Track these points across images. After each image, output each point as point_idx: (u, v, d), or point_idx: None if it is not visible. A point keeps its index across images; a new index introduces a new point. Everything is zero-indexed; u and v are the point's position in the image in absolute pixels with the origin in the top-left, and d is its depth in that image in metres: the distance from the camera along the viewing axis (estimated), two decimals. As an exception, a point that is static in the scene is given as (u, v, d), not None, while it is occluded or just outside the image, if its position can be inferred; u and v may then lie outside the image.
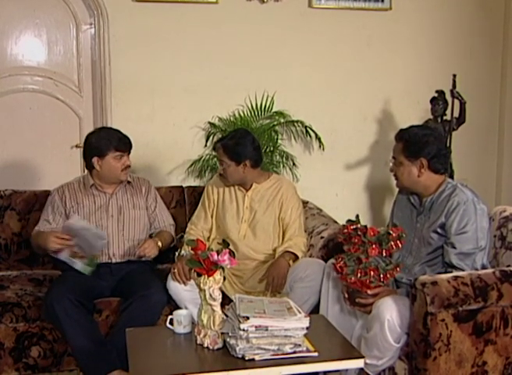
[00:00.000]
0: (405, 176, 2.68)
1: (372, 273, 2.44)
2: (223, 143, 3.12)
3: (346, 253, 2.50)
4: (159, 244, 3.13)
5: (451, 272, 2.50)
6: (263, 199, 3.20)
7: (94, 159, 3.12)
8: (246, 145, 3.10)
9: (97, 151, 3.11)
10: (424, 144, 2.63)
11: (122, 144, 3.13)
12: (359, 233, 2.46)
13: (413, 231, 2.73)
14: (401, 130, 2.74)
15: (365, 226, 2.48)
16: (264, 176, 3.26)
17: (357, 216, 2.53)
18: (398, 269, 2.49)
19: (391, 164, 2.76)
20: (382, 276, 2.45)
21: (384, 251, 2.44)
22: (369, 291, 2.48)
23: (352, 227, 2.49)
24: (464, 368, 2.34)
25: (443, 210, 2.59)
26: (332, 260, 2.75)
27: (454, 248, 2.53)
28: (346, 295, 2.60)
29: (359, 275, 2.45)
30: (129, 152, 3.18)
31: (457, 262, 2.52)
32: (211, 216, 3.26)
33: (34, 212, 3.42)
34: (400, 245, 2.46)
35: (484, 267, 2.56)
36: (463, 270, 2.49)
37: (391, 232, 2.45)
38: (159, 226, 3.29)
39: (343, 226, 2.53)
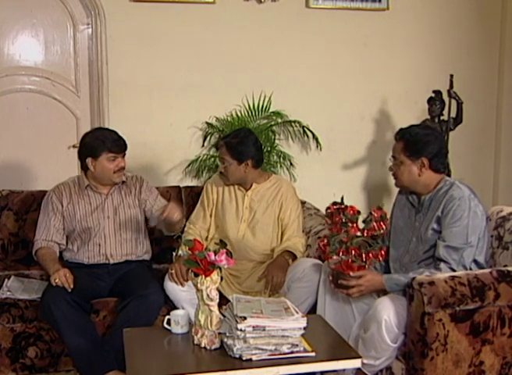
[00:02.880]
0: (405, 176, 2.68)
1: (354, 251, 2.45)
2: (226, 141, 3.12)
3: (331, 233, 2.51)
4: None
5: (439, 265, 2.51)
6: (263, 199, 3.20)
7: (88, 160, 3.10)
8: (248, 145, 3.10)
9: (90, 151, 3.09)
10: (425, 143, 2.63)
11: (116, 145, 3.10)
12: (340, 212, 2.48)
13: (411, 230, 2.73)
14: (401, 130, 2.74)
15: (346, 206, 2.49)
16: (264, 176, 3.27)
17: (342, 198, 2.55)
18: (383, 252, 2.50)
19: (390, 163, 2.76)
20: (364, 255, 2.46)
21: (366, 231, 2.45)
22: (351, 273, 2.49)
23: (335, 207, 2.51)
24: (461, 368, 2.34)
25: (440, 205, 2.60)
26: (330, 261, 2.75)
27: (444, 241, 2.54)
28: (331, 278, 2.61)
29: (341, 254, 2.46)
30: (124, 154, 3.16)
31: (444, 255, 2.52)
32: (210, 216, 3.25)
33: (31, 213, 3.41)
34: (383, 227, 2.47)
35: (481, 266, 2.57)
36: (449, 264, 2.50)
37: (373, 212, 2.47)
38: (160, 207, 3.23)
39: (328, 207, 2.55)
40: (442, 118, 4.19)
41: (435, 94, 4.16)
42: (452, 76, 4.12)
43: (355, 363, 2.23)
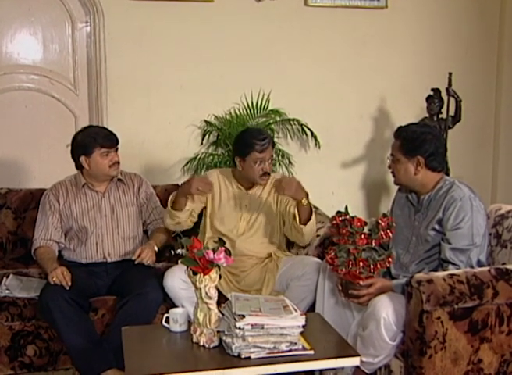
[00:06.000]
0: (402, 174, 2.69)
1: (361, 263, 2.44)
2: (272, 140, 3.14)
3: (338, 245, 2.51)
4: (155, 248, 3.11)
5: (447, 267, 2.51)
6: (261, 195, 3.22)
7: (82, 158, 3.10)
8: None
9: (83, 149, 3.09)
10: (421, 142, 2.63)
11: (108, 140, 3.10)
12: (346, 224, 2.47)
13: (411, 229, 2.73)
14: (400, 128, 2.74)
15: (352, 217, 2.48)
16: None
17: (346, 208, 2.53)
18: (390, 259, 2.49)
19: (389, 161, 2.76)
20: (371, 266, 2.45)
21: (373, 241, 2.45)
22: (361, 282, 2.49)
23: (340, 218, 2.50)
24: (459, 365, 2.34)
25: (441, 206, 2.59)
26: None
27: (449, 243, 2.54)
28: (340, 287, 2.60)
29: (350, 266, 2.45)
30: (117, 148, 3.15)
31: (451, 257, 2.52)
32: (205, 215, 3.25)
33: (30, 211, 3.41)
34: (390, 235, 2.47)
35: (481, 264, 2.57)
36: (457, 265, 2.50)
37: (380, 221, 2.46)
38: (154, 217, 3.28)
39: (332, 217, 2.54)
40: (440, 116, 4.19)
41: (434, 93, 4.16)
42: (450, 74, 4.12)
43: (354, 361, 2.23)
